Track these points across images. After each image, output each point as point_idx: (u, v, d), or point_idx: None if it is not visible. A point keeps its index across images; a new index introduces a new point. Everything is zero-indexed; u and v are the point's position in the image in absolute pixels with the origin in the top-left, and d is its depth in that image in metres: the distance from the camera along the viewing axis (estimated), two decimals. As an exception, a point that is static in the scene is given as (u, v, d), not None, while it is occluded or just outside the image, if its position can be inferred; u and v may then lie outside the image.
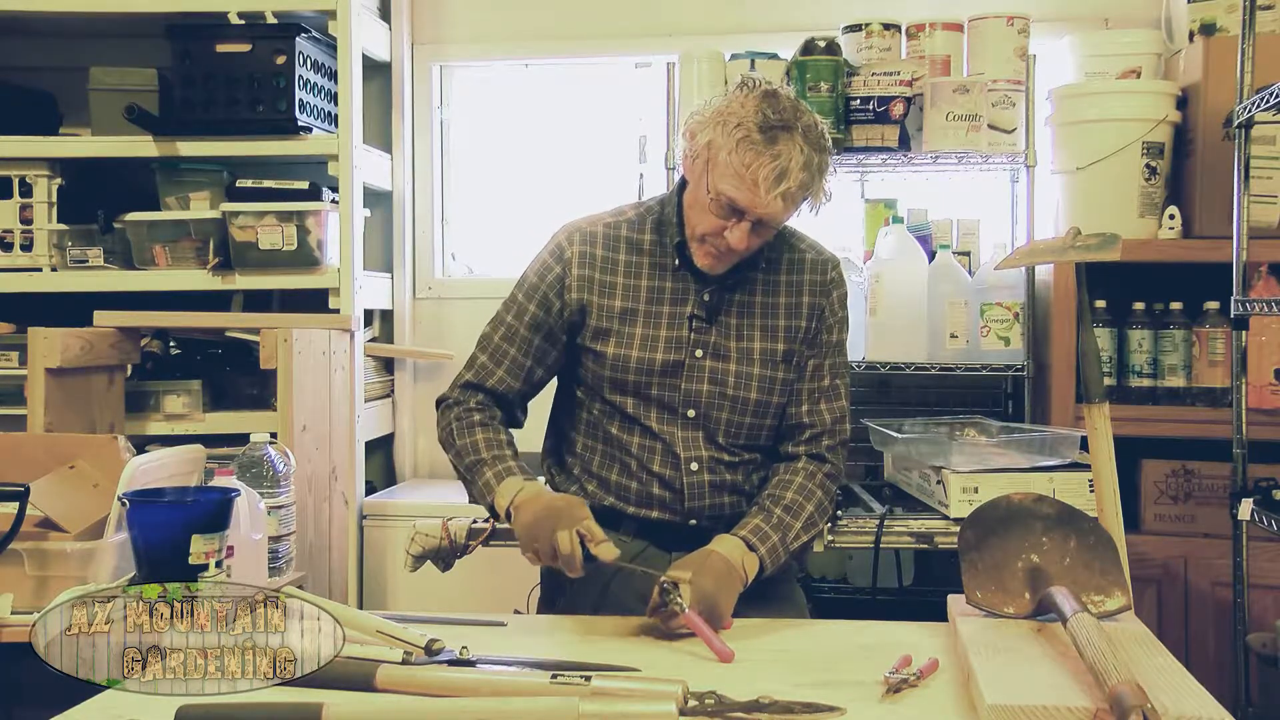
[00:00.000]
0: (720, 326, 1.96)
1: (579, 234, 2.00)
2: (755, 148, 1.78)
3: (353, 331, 3.13)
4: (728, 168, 1.81)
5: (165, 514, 1.93)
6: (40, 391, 2.72)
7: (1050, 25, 3.24)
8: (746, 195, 1.81)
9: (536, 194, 3.58)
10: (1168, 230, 2.86)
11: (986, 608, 1.69)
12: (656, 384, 1.94)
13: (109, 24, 3.28)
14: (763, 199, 1.80)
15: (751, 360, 1.96)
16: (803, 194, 1.83)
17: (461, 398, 2.00)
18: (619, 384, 1.95)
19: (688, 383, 1.94)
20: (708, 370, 1.95)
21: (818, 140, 1.83)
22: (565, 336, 1.99)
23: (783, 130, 1.79)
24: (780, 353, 1.97)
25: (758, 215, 1.83)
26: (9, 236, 3.16)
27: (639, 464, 1.96)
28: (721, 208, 1.84)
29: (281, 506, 2.46)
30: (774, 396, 1.97)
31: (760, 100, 1.82)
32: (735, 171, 1.80)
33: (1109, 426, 1.80)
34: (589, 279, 1.97)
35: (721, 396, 1.94)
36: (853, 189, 3.29)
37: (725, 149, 1.80)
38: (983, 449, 2.58)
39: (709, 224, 1.87)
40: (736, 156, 1.79)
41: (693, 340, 1.95)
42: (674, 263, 1.97)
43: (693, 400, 1.95)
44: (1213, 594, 2.77)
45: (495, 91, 3.66)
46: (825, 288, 2.01)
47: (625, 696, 1.35)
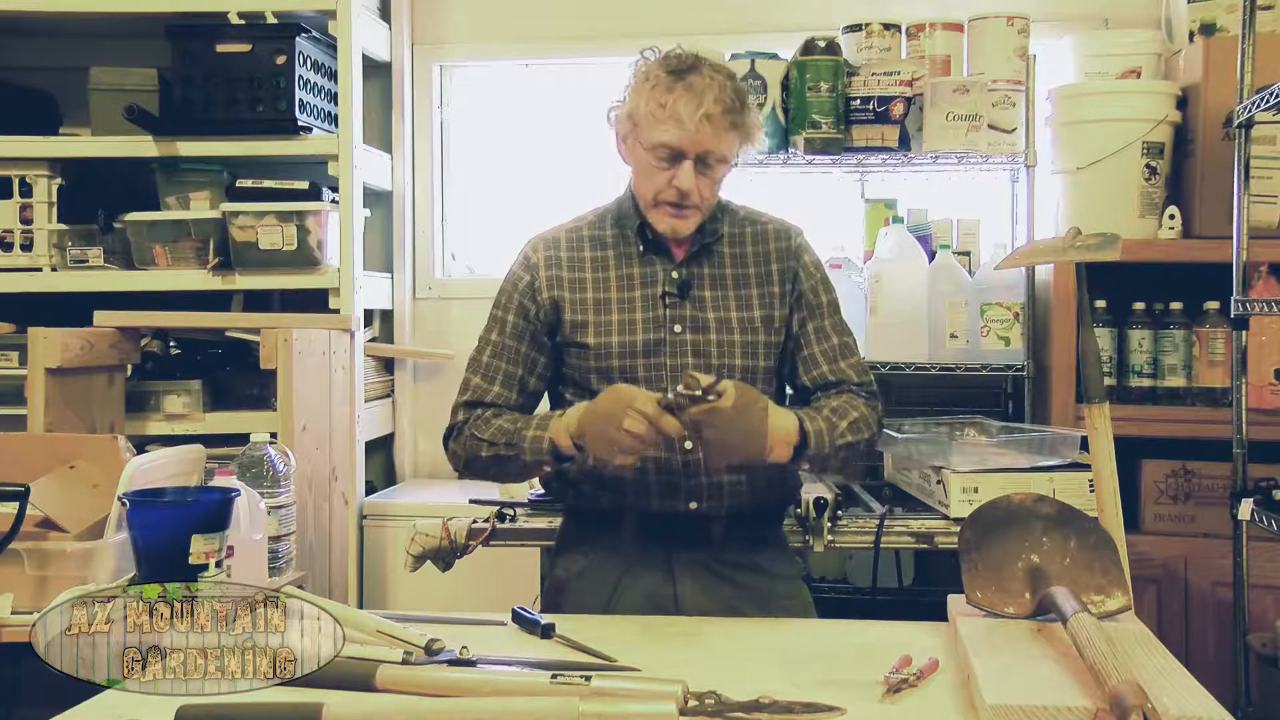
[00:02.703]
0: (694, 302, 1.97)
1: (542, 241, 2.03)
2: (667, 87, 1.86)
3: (353, 331, 3.13)
4: (650, 118, 1.87)
5: (165, 514, 1.93)
6: (40, 391, 2.72)
7: (1050, 25, 3.24)
8: (674, 131, 1.85)
9: (536, 194, 3.59)
10: (1168, 230, 2.86)
11: (986, 608, 1.69)
12: (642, 365, 1.94)
13: (109, 24, 3.28)
14: (690, 128, 1.84)
15: (731, 329, 1.96)
16: (728, 120, 1.87)
17: (466, 415, 1.99)
18: (605, 372, 1.95)
19: (672, 359, 1.94)
20: (689, 344, 1.95)
21: (727, 71, 1.91)
22: (549, 339, 2.00)
23: (689, 69, 1.87)
24: (758, 318, 1.98)
25: (695, 150, 1.87)
26: (9, 236, 3.16)
27: None
28: (660, 158, 1.89)
29: (281, 506, 2.46)
30: (759, 361, 1.97)
31: (662, 57, 1.93)
32: (657, 116, 1.86)
33: (1109, 426, 1.80)
34: (558, 278, 1.99)
35: (707, 368, 1.94)
36: (853, 189, 3.29)
37: (643, 105, 1.88)
38: (983, 449, 2.58)
39: (656, 182, 1.91)
40: (654, 101, 1.87)
41: (670, 317, 1.95)
42: (639, 249, 1.98)
43: (680, 376, 1.95)
44: (1213, 594, 2.77)
45: (495, 91, 3.66)
46: (792, 253, 2.02)
47: (625, 696, 1.35)
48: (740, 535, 1.98)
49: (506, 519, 2.46)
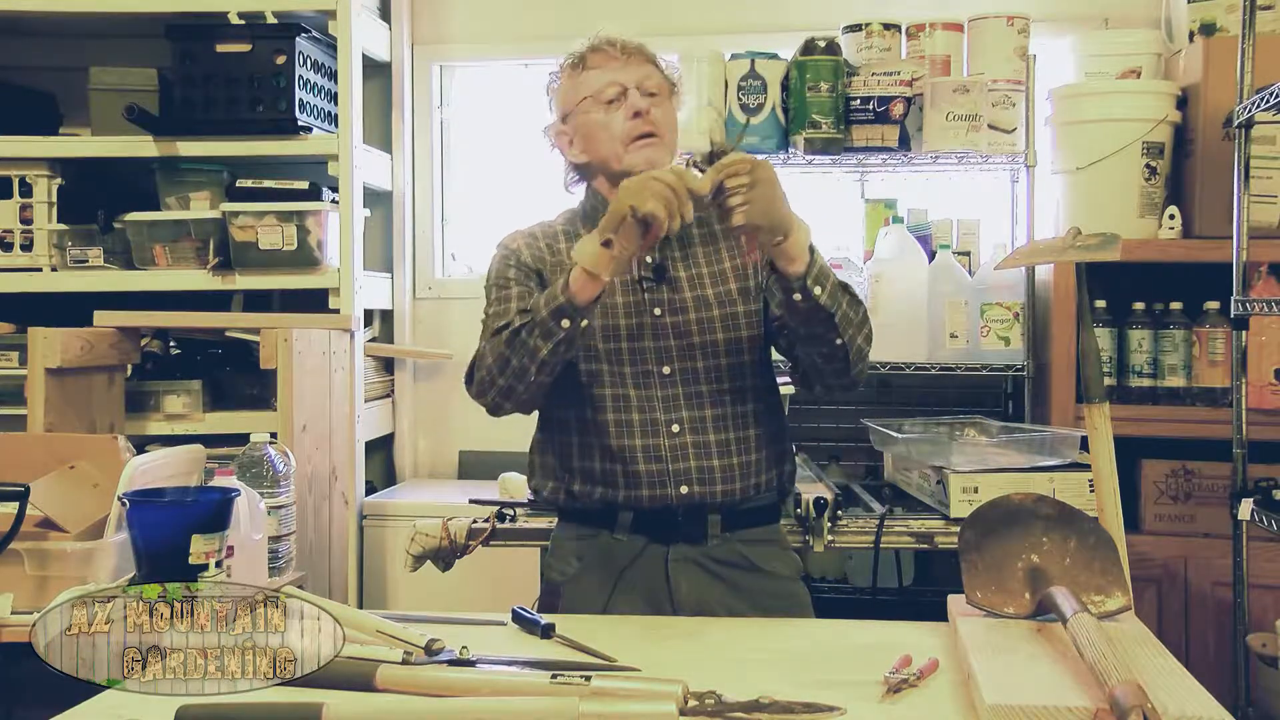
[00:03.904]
0: (671, 283, 1.97)
1: (519, 235, 2.06)
2: (585, 49, 1.99)
3: (353, 331, 3.13)
4: (582, 80, 1.97)
5: (165, 514, 1.93)
6: (40, 391, 2.72)
7: (1050, 25, 3.24)
8: (610, 72, 1.95)
9: (536, 194, 3.58)
10: (1168, 230, 2.86)
11: (986, 608, 1.69)
12: (627, 348, 1.94)
13: (109, 24, 3.28)
14: (621, 60, 1.96)
15: (709, 305, 1.96)
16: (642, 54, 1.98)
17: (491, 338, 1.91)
18: (591, 352, 1.94)
19: (654, 340, 1.94)
20: (670, 326, 1.95)
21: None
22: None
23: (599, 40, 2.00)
24: (734, 290, 1.98)
25: (632, 81, 1.94)
26: (9, 236, 3.16)
27: (620, 443, 1.93)
28: (606, 102, 1.95)
29: (281, 506, 2.46)
30: (742, 332, 1.97)
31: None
32: (587, 76, 1.97)
33: (1109, 426, 1.80)
34: (540, 259, 2.01)
35: (691, 347, 1.94)
36: (853, 189, 3.29)
37: (570, 78, 2.00)
38: (983, 449, 2.58)
39: (615, 127, 1.94)
40: (579, 67, 1.98)
41: (649, 301, 1.95)
42: None
43: (666, 357, 1.94)
44: (1213, 594, 2.77)
45: (495, 91, 3.66)
46: None
47: (625, 696, 1.35)
48: (735, 530, 1.97)
49: (506, 519, 2.46)
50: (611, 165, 1.96)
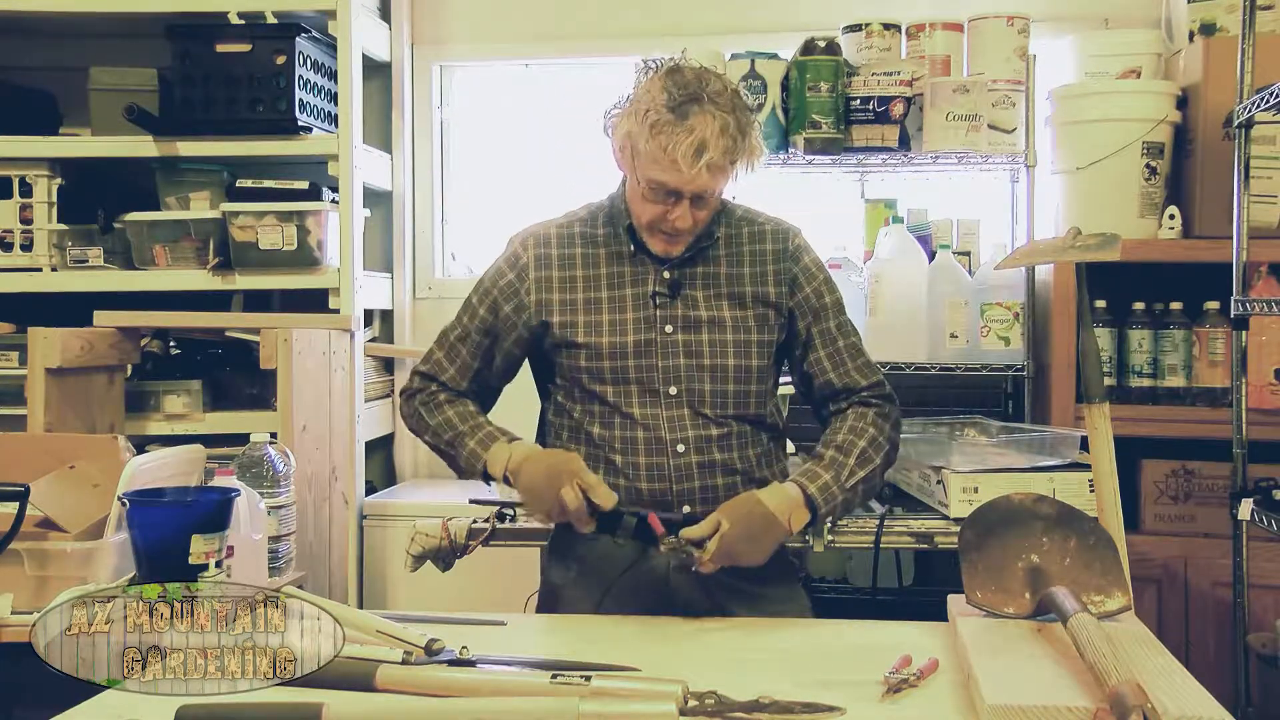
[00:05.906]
0: (686, 301, 1.96)
1: (533, 238, 2.03)
2: (668, 128, 1.80)
3: (353, 331, 3.13)
4: (649, 155, 1.83)
5: (165, 514, 1.93)
6: (40, 391, 2.72)
7: (1050, 25, 3.24)
8: (673, 176, 1.83)
9: (536, 194, 3.58)
10: (1168, 230, 2.86)
11: (986, 608, 1.69)
12: (634, 366, 1.94)
13: (109, 24, 3.28)
14: (688, 175, 1.81)
15: (724, 328, 1.95)
16: (727, 159, 1.83)
17: (422, 385, 2.05)
18: (596, 373, 1.94)
19: (664, 359, 1.94)
20: (681, 345, 1.94)
21: (729, 102, 1.84)
22: (516, 349, 2.03)
23: (691, 103, 1.81)
24: (752, 317, 1.97)
25: (690, 192, 1.85)
26: (9, 236, 3.16)
27: (625, 459, 1.93)
28: (655, 193, 1.87)
29: (281, 506, 2.46)
30: (752, 360, 1.96)
31: (664, 79, 1.85)
32: (655, 157, 1.82)
33: (1109, 426, 1.80)
34: (548, 279, 1.98)
35: (699, 368, 1.94)
36: (853, 189, 3.29)
37: (642, 138, 1.83)
38: (983, 449, 2.58)
39: (651, 212, 1.89)
40: (654, 142, 1.81)
41: (660, 317, 1.95)
42: (629, 248, 1.97)
43: (672, 377, 1.94)
44: (1213, 594, 2.77)
45: (495, 91, 3.66)
46: (792, 254, 2.01)
47: (625, 696, 1.35)
48: None
49: (506, 519, 2.46)
50: (634, 218, 1.95)
